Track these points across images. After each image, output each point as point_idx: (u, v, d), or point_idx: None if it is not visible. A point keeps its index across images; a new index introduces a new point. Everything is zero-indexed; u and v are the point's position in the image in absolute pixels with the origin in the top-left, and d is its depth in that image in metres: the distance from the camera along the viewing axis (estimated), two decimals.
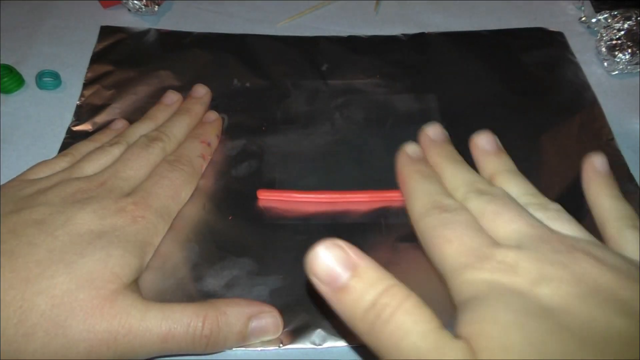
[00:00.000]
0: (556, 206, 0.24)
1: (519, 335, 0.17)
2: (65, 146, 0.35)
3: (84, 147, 0.33)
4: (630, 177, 0.35)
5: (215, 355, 0.27)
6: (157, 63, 0.41)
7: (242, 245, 0.31)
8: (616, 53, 0.42)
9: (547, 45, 0.44)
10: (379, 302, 0.18)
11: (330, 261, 0.19)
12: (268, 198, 0.33)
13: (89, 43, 0.43)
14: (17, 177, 0.30)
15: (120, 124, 0.36)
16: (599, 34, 0.44)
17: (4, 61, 0.41)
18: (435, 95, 0.40)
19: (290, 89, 0.40)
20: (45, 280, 0.24)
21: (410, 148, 0.29)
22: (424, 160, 0.28)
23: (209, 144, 0.34)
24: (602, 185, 0.26)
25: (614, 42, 0.42)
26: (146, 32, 0.44)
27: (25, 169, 0.31)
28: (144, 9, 0.45)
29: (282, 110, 0.39)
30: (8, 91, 0.40)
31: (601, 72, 0.43)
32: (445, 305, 0.28)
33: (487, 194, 0.24)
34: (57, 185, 0.28)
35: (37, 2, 0.47)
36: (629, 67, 0.42)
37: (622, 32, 0.42)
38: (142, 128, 0.34)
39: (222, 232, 0.32)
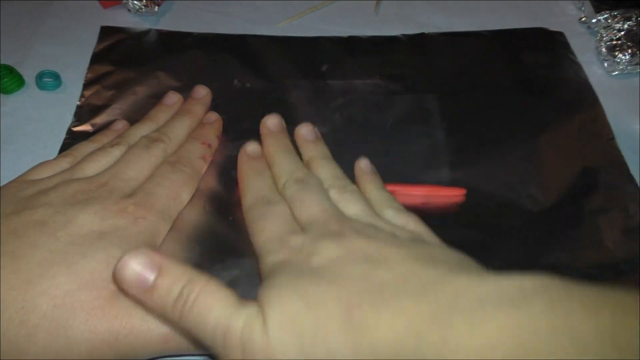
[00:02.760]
0: (352, 188, 0.30)
1: (289, 290, 0.21)
2: (65, 147, 0.35)
3: (84, 147, 0.33)
4: (630, 177, 0.35)
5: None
6: (157, 63, 0.41)
7: (242, 246, 0.31)
8: (616, 53, 0.42)
9: (548, 45, 0.44)
10: (183, 292, 0.21)
11: (136, 266, 0.21)
12: None
13: (89, 43, 0.43)
14: (17, 177, 0.30)
15: (120, 124, 0.36)
16: (599, 34, 0.44)
17: (4, 61, 0.41)
18: (435, 95, 0.40)
19: (291, 90, 0.40)
20: (46, 281, 0.24)
21: (249, 146, 0.33)
22: (260, 156, 0.33)
23: (209, 145, 0.34)
24: (368, 181, 0.32)
25: (614, 42, 0.42)
26: (146, 32, 0.44)
27: (25, 170, 0.31)
28: (144, 9, 0.45)
29: (282, 110, 0.39)
30: (8, 91, 0.40)
31: (601, 72, 0.43)
32: None
33: (300, 183, 0.29)
34: (58, 186, 0.28)
35: (37, 2, 0.47)
36: (629, 67, 0.42)
37: (622, 33, 0.42)
38: (143, 129, 0.34)
39: (223, 233, 0.32)
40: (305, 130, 0.34)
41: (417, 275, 0.21)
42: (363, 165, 0.33)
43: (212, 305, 0.21)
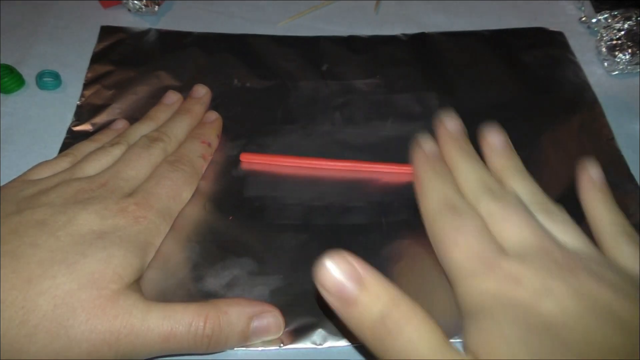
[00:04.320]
0: (560, 209, 0.25)
1: (523, 351, 0.18)
2: (65, 146, 0.35)
3: (84, 147, 0.33)
4: (631, 177, 0.35)
5: (216, 355, 0.27)
6: (157, 63, 0.41)
7: (242, 245, 0.31)
8: (616, 53, 0.42)
9: (547, 45, 0.44)
10: (386, 316, 0.19)
11: (338, 274, 0.20)
12: (250, 161, 0.35)
13: (89, 43, 0.43)
14: (18, 177, 0.31)
15: (120, 124, 0.36)
16: (599, 34, 0.44)
17: (4, 61, 0.41)
18: (436, 95, 0.40)
19: (291, 89, 0.40)
20: (47, 281, 0.24)
21: (426, 144, 0.29)
22: (439, 156, 0.28)
23: (209, 144, 0.34)
24: (599, 197, 0.27)
25: (614, 42, 0.42)
26: (146, 32, 0.44)
27: (25, 169, 0.31)
28: (144, 9, 0.45)
29: (282, 110, 0.39)
30: (8, 91, 0.39)
31: (601, 72, 0.43)
32: (448, 304, 0.28)
33: (498, 196, 0.25)
34: (58, 186, 0.28)
35: (37, 2, 0.47)
36: (629, 67, 0.42)
37: (622, 32, 0.42)
38: (143, 128, 0.34)
39: (223, 232, 0.32)
40: (494, 138, 0.29)
41: None
42: (593, 172, 0.27)
43: (417, 341, 0.19)
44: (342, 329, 0.28)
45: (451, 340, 0.27)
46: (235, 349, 0.27)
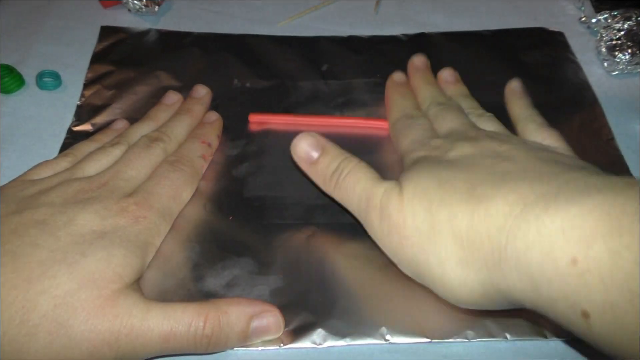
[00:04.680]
0: (490, 114, 0.33)
1: (424, 171, 0.26)
2: (65, 146, 0.36)
3: (85, 147, 0.33)
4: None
5: (216, 355, 0.27)
6: (157, 63, 0.41)
7: (242, 245, 0.31)
8: (616, 53, 0.42)
9: (547, 45, 0.44)
10: (339, 167, 0.28)
11: (306, 145, 0.29)
12: (259, 121, 0.38)
13: (89, 43, 0.43)
14: (18, 177, 0.31)
15: (121, 124, 0.36)
16: (599, 34, 0.44)
17: (4, 61, 0.41)
18: None
19: (291, 89, 0.40)
20: (47, 280, 0.24)
21: (396, 75, 0.38)
22: (405, 83, 0.37)
23: (209, 145, 0.34)
24: (517, 100, 0.35)
25: (614, 42, 0.42)
26: (146, 32, 0.44)
27: (25, 169, 0.31)
28: (144, 9, 0.45)
29: (282, 110, 0.39)
30: (8, 91, 0.40)
31: (601, 72, 0.43)
32: (446, 303, 0.28)
33: (443, 104, 0.34)
34: (58, 186, 0.28)
35: (37, 2, 0.47)
36: (629, 67, 0.42)
37: (622, 32, 0.42)
38: (143, 128, 0.34)
39: (223, 232, 0.32)
40: (447, 73, 0.38)
41: (538, 169, 0.23)
42: (514, 85, 0.36)
43: (360, 177, 0.27)
44: (343, 329, 0.28)
45: (449, 340, 0.27)
46: (235, 348, 0.27)
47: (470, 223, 0.22)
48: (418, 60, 0.38)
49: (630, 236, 0.17)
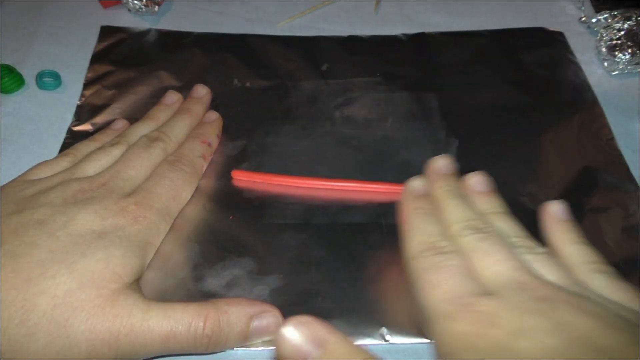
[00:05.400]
0: (545, 250, 0.25)
1: None
2: (65, 146, 0.35)
3: (84, 147, 0.33)
4: (631, 177, 0.35)
5: (216, 355, 0.27)
6: (157, 63, 0.41)
7: (242, 245, 0.31)
8: (616, 53, 0.42)
9: (547, 45, 0.44)
10: None
11: (298, 340, 0.19)
12: (242, 179, 0.34)
13: (89, 43, 0.43)
14: (18, 177, 0.31)
15: (120, 123, 0.36)
16: (599, 34, 0.44)
17: (4, 61, 0.41)
18: (436, 95, 0.40)
19: (291, 89, 0.40)
20: (46, 281, 0.24)
21: (415, 183, 0.29)
22: (427, 197, 0.28)
23: (209, 144, 0.34)
24: (563, 232, 0.26)
25: (614, 42, 0.42)
26: (146, 32, 0.44)
27: (25, 169, 0.31)
28: (144, 9, 0.45)
29: (282, 110, 0.39)
30: (8, 91, 0.39)
31: (601, 72, 0.43)
32: None
33: (481, 232, 0.25)
34: (58, 186, 0.28)
35: (37, 2, 0.47)
36: (629, 67, 0.42)
37: (622, 32, 0.42)
38: (143, 128, 0.34)
39: (223, 232, 0.32)
40: (477, 180, 0.29)
41: None
42: (557, 210, 0.27)
43: None
44: (343, 329, 0.28)
45: None
46: (235, 348, 0.27)
47: None
48: (442, 162, 0.30)
49: None
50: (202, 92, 0.37)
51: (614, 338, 0.18)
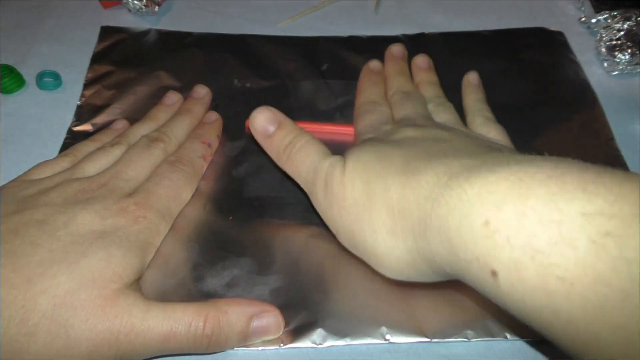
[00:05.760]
0: (449, 105, 0.35)
1: (366, 148, 0.27)
2: (65, 146, 0.36)
3: (85, 147, 0.33)
4: None
5: (215, 354, 0.27)
6: (157, 63, 0.41)
7: (242, 245, 0.31)
8: (616, 53, 0.42)
9: (547, 45, 0.44)
10: (293, 141, 0.29)
11: (264, 119, 0.30)
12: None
13: (89, 43, 0.43)
14: (18, 177, 0.31)
15: (120, 124, 0.36)
16: (599, 34, 0.44)
17: (4, 61, 0.41)
18: None
19: (291, 89, 0.40)
20: (47, 280, 0.24)
21: (372, 63, 0.39)
22: (379, 71, 0.39)
23: (209, 145, 0.34)
24: (471, 92, 0.38)
25: (614, 42, 0.42)
26: (146, 32, 0.44)
27: (25, 169, 0.31)
28: (144, 9, 0.45)
29: (282, 110, 0.39)
30: (8, 91, 0.40)
31: (601, 72, 0.43)
32: (445, 306, 0.28)
33: (405, 94, 0.35)
34: (58, 186, 0.29)
35: (37, 2, 0.47)
36: (628, 67, 0.42)
37: (622, 33, 0.42)
38: (143, 128, 0.34)
39: (223, 232, 0.32)
40: (420, 60, 0.39)
41: (471, 149, 0.25)
42: (471, 77, 0.38)
43: (311, 151, 0.28)
44: (343, 329, 0.28)
45: (449, 340, 0.27)
46: (235, 348, 0.27)
47: (401, 194, 0.23)
48: (396, 49, 0.40)
49: (536, 198, 0.18)
50: (202, 92, 0.37)
51: (449, 134, 0.28)
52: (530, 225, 0.18)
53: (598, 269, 0.16)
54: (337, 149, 0.31)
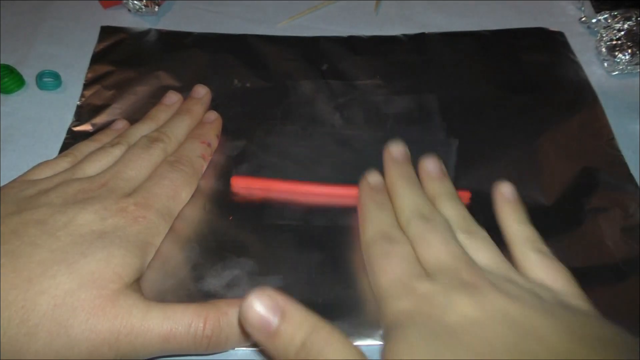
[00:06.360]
0: (484, 234, 0.28)
1: (422, 350, 0.20)
2: (65, 146, 0.36)
3: (85, 147, 0.33)
4: (630, 177, 0.35)
5: (215, 355, 0.27)
6: (157, 63, 0.41)
7: (242, 245, 0.31)
8: (616, 53, 0.42)
9: (548, 45, 0.44)
10: (308, 342, 0.21)
11: (261, 309, 0.21)
12: (242, 186, 0.34)
13: (89, 43, 0.43)
14: (18, 177, 0.31)
15: (120, 124, 0.36)
16: (599, 34, 0.44)
17: (4, 61, 0.41)
18: (436, 95, 0.40)
19: (291, 89, 0.40)
20: (47, 280, 0.24)
21: (371, 177, 0.32)
22: (381, 188, 0.31)
23: (209, 145, 0.34)
24: (510, 212, 0.29)
25: (614, 42, 0.42)
26: (146, 32, 0.44)
27: (25, 170, 0.31)
28: (144, 9, 0.45)
29: (282, 110, 0.39)
30: (8, 91, 0.40)
31: (601, 72, 0.43)
32: None
33: (427, 219, 0.28)
34: (58, 186, 0.29)
35: (37, 2, 0.47)
36: (629, 67, 0.42)
37: (622, 33, 0.42)
38: (143, 128, 0.34)
39: (223, 232, 0.32)
40: (431, 165, 0.32)
41: (569, 349, 0.20)
42: (505, 190, 0.30)
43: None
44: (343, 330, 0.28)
45: None
46: (234, 348, 0.27)
47: None
48: (396, 151, 0.32)
49: None
50: (201, 92, 0.37)
51: (524, 313, 0.21)
52: None
53: None
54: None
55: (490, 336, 0.20)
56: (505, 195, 0.30)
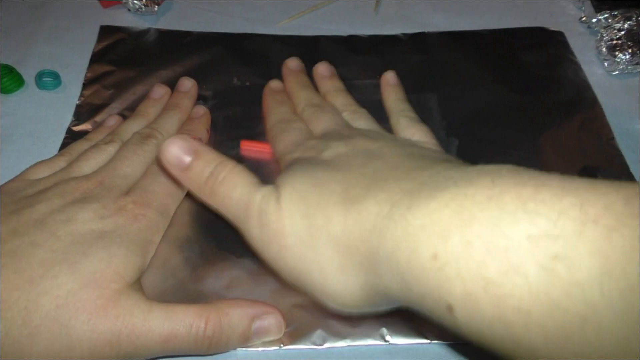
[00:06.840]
0: (363, 111, 0.35)
1: (300, 173, 0.25)
2: (65, 146, 0.35)
3: (79, 146, 0.33)
4: (630, 177, 0.35)
5: (216, 355, 0.27)
6: (157, 63, 0.41)
7: (242, 246, 0.31)
8: (616, 53, 0.42)
9: (547, 45, 0.44)
10: (215, 171, 0.25)
11: (177, 149, 0.25)
12: (249, 148, 0.36)
13: (88, 43, 0.43)
14: (16, 177, 0.31)
15: (113, 120, 0.36)
16: (599, 34, 0.44)
17: (4, 61, 0.41)
18: (436, 95, 0.40)
19: None
20: (48, 281, 0.24)
21: (272, 83, 0.38)
22: (281, 90, 0.38)
23: (200, 139, 0.34)
24: (390, 92, 0.37)
25: (614, 42, 0.42)
26: (146, 31, 0.44)
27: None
28: (143, 9, 0.45)
29: None
30: (8, 91, 0.39)
31: (601, 72, 0.43)
32: None
33: (316, 106, 0.34)
34: (56, 185, 0.28)
35: (37, 2, 0.47)
36: (629, 67, 0.42)
37: (623, 32, 0.42)
38: (135, 125, 0.34)
39: (223, 232, 0.32)
40: (322, 68, 0.38)
41: (406, 165, 0.24)
42: (389, 76, 0.38)
43: (237, 183, 0.25)
44: (343, 330, 0.28)
45: (449, 341, 0.27)
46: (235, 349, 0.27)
47: (344, 227, 0.21)
48: (291, 63, 0.38)
49: (479, 225, 0.17)
50: (188, 85, 0.38)
51: (380, 146, 0.27)
52: (478, 255, 0.17)
53: (552, 295, 0.15)
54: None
55: (351, 162, 0.25)
56: (389, 80, 0.38)
